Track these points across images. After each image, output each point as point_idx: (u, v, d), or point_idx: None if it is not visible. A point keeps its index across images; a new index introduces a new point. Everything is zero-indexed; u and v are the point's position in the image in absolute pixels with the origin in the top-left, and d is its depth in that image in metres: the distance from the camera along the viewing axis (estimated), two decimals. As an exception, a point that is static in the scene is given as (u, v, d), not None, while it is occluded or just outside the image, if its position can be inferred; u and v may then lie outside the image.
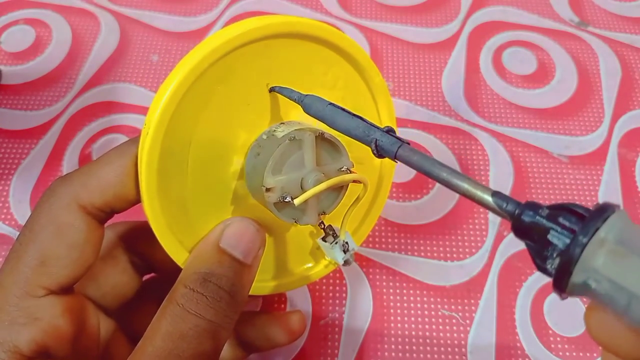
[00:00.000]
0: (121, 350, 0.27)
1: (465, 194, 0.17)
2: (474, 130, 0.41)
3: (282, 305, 0.34)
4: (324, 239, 0.27)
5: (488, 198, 0.17)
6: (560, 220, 0.15)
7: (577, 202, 0.16)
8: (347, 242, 0.27)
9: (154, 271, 0.29)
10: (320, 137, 0.24)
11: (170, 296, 0.23)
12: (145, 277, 0.30)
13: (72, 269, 0.23)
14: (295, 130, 0.24)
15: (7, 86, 0.42)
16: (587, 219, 0.15)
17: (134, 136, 0.24)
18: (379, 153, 0.20)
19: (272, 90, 0.24)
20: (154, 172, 0.22)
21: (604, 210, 0.15)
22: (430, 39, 0.45)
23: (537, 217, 0.15)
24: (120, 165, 0.23)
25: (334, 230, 0.27)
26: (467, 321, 0.33)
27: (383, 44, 0.45)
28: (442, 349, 0.32)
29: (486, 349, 0.32)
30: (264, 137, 0.24)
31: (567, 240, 0.15)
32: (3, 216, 0.37)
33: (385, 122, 0.29)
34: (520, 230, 0.16)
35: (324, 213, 0.25)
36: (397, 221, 0.37)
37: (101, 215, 0.24)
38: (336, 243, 0.27)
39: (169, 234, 0.24)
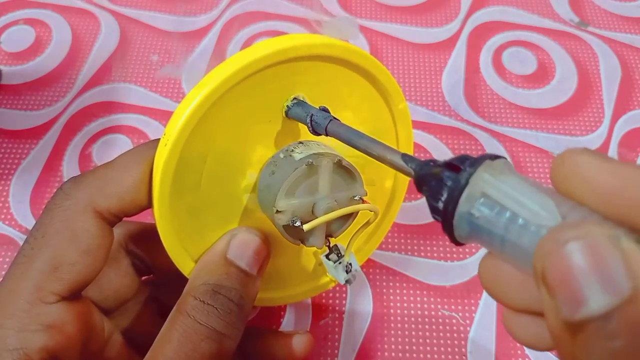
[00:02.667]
0: (118, 350, 0.26)
1: (379, 158, 0.20)
2: (474, 130, 0.41)
3: (282, 305, 0.34)
4: (327, 257, 0.27)
5: (397, 159, 0.19)
6: (454, 162, 0.17)
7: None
8: (350, 263, 0.27)
9: (152, 272, 0.29)
10: (338, 164, 0.24)
11: (179, 307, 0.23)
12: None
13: (84, 274, 0.23)
14: (313, 154, 0.24)
15: (7, 86, 0.42)
16: (475, 159, 0.16)
17: (151, 140, 0.24)
18: (314, 129, 0.23)
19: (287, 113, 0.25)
20: (169, 182, 0.23)
21: (492, 156, 0.16)
22: (430, 39, 0.45)
23: (434, 168, 0.17)
24: (137, 171, 0.23)
25: (339, 250, 0.27)
26: (467, 321, 0.33)
27: (383, 44, 0.45)
28: (442, 349, 0.32)
29: (486, 349, 0.32)
30: (281, 155, 0.24)
31: (455, 176, 0.16)
32: (3, 216, 0.37)
33: (402, 147, 0.29)
34: (419, 180, 0.18)
35: (331, 236, 0.26)
36: (397, 221, 0.37)
37: (114, 220, 0.24)
38: (340, 263, 0.27)
39: (176, 242, 0.24)
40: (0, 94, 0.42)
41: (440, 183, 0.17)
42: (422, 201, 0.37)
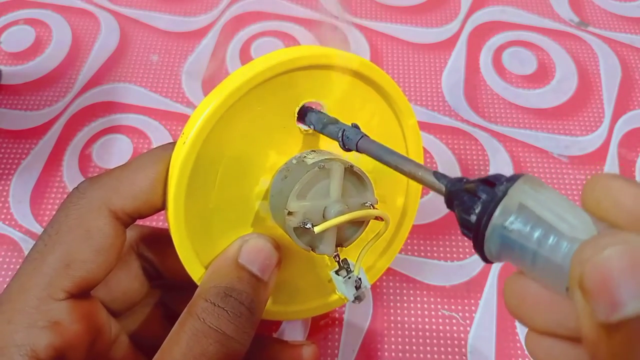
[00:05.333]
0: (124, 352, 0.26)
1: (410, 175, 0.20)
2: (474, 130, 0.41)
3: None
4: (337, 272, 0.27)
5: (429, 176, 0.19)
6: (489, 179, 0.17)
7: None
8: (360, 279, 0.27)
9: (161, 277, 0.29)
10: (349, 170, 0.24)
11: (189, 309, 0.23)
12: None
13: (95, 273, 0.23)
14: (326, 159, 0.24)
15: (7, 86, 0.42)
16: (512, 175, 0.17)
17: (166, 143, 0.24)
18: (345, 144, 0.23)
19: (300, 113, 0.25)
20: (185, 182, 0.23)
21: (524, 175, 0.17)
22: (430, 39, 0.45)
23: (467, 183, 0.17)
24: (153, 171, 0.23)
25: (348, 265, 0.27)
26: (467, 321, 0.33)
27: (383, 44, 0.45)
28: (442, 349, 0.32)
29: (486, 349, 0.32)
30: (294, 161, 0.25)
31: (490, 189, 0.17)
32: (3, 216, 0.36)
33: None
34: (450, 196, 0.18)
35: (342, 246, 0.25)
36: (397, 221, 0.37)
37: (128, 221, 0.24)
38: (349, 278, 0.26)
39: (188, 246, 0.24)
40: (0, 94, 0.42)
41: (472, 198, 0.17)
42: (422, 201, 0.37)
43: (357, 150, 0.22)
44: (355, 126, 0.23)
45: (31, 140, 0.40)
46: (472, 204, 0.17)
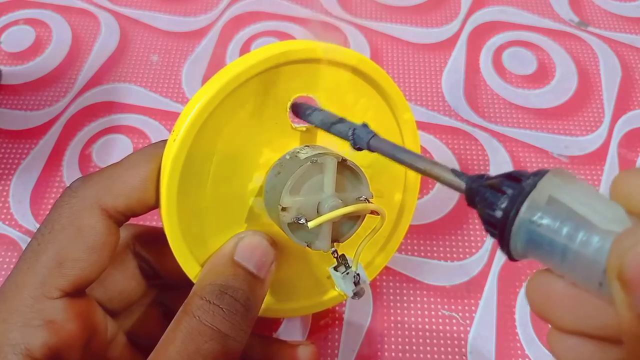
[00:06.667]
0: (121, 351, 0.26)
1: (426, 173, 0.19)
2: (474, 130, 0.41)
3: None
4: (335, 269, 0.26)
5: (446, 173, 0.19)
6: (513, 174, 0.16)
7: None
8: (358, 274, 0.26)
9: (159, 276, 0.29)
10: (342, 164, 0.24)
11: (185, 307, 0.22)
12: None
13: (89, 271, 0.23)
14: (319, 153, 0.24)
15: (7, 86, 0.42)
16: (539, 170, 0.16)
17: (159, 140, 0.24)
18: (356, 143, 0.22)
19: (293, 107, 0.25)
20: (177, 180, 0.23)
21: (553, 168, 0.16)
22: (430, 39, 0.45)
23: (490, 180, 0.17)
24: (145, 169, 0.23)
25: (346, 261, 0.26)
26: (467, 321, 0.33)
27: (383, 44, 0.45)
28: (442, 349, 0.32)
29: (486, 349, 0.32)
30: (287, 157, 0.25)
31: (517, 184, 0.16)
32: (3, 216, 0.37)
33: None
34: (471, 193, 0.17)
35: (338, 241, 0.25)
36: (397, 221, 0.37)
37: (121, 219, 0.24)
38: (347, 274, 0.26)
39: (182, 244, 0.24)
40: (0, 94, 0.42)
41: (496, 194, 0.16)
42: (422, 201, 0.37)
43: (369, 150, 0.22)
44: (365, 125, 0.23)
45: (31, 140, 0.40)
46: (497, 200, 0.16)
